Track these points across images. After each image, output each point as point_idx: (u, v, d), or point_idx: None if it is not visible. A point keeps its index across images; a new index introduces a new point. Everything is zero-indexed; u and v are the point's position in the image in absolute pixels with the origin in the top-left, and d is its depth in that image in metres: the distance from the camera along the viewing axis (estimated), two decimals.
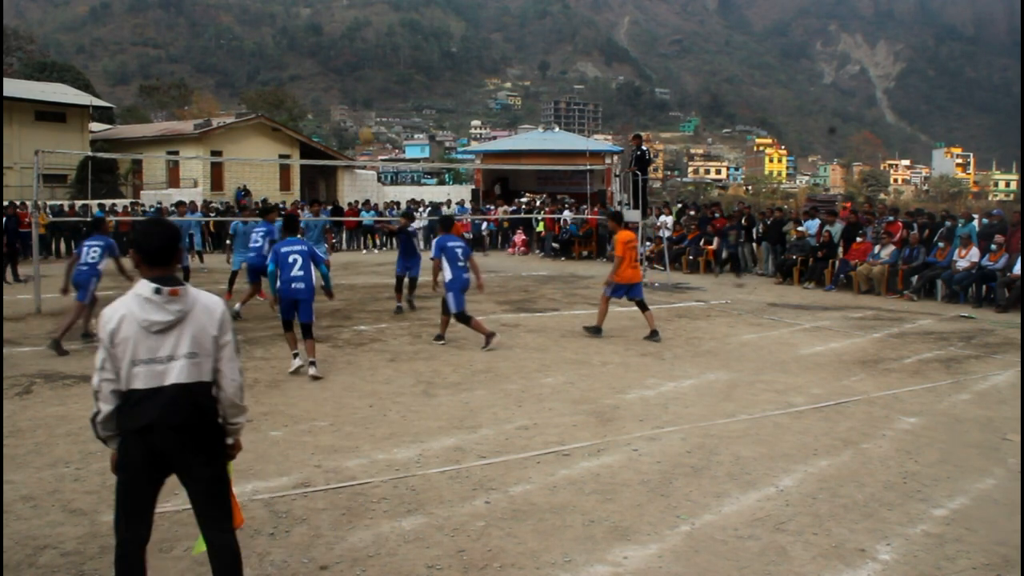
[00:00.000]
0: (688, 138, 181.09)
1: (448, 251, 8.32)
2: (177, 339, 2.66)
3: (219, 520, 2.81)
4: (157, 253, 2.70)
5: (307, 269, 7.07)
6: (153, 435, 2.63)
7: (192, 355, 2.67)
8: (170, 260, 2.73)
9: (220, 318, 2.76)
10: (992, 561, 3.53)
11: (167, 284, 2.65)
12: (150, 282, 2.65)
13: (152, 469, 2.70)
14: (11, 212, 16.24)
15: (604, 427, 5.49)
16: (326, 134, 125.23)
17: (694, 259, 16.74)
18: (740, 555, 3.55)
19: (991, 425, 5.65)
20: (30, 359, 7.49)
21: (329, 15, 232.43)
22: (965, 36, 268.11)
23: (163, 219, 2.95)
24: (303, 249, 7.17)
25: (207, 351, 2.71)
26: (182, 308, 2.67)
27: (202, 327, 2.70)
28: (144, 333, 2.62)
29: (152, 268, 2.69)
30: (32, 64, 48.02)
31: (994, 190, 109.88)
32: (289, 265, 7.03)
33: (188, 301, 2.69)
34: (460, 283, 8.26)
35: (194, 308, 2.70)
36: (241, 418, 2.86)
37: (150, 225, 2.81)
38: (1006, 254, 11.88)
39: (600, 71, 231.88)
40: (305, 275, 7.04)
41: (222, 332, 2.75)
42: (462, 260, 8.34)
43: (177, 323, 2.66)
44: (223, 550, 2.82)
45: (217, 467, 2.81)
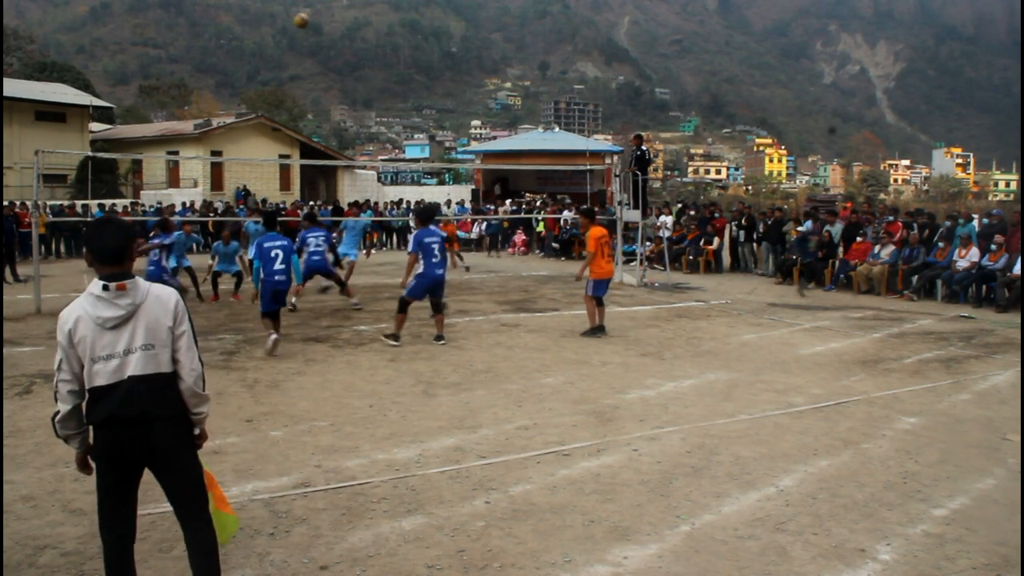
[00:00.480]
0: (688, 138, 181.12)
1: (425, 247, 8.19)
2: (132, 333, 2.67)
3: (193, 511, 2.83)
4: (107, 252, 2.71)
5: (287, 263, 7.79)
6: (115, 428, 2.66)
7: (148, 347, 2.69)
8: (122, 259, 2.73)
9: (174, 308, 2.77)
10: (992, 561, 3.53)
11: (113, 280, 2.67)
12: (99, 280, 2.67)
13: (122, 463, 2.71)
14: (11, 212, 16.24)
15: (604, 427, 5.49)
16: (326, 134, 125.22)
17: (694, 259, 16.74)
18: (740, 555, 3.55)
19: (991, 425, 5.65)
20: (30, 359, 7.49)
21: (329, 15, 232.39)
22: (965, 36, 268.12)
23: (115, 218, 2.96)
24: (284, 245, 7.87)
25: (163, 342, 2.72)
26: (132, 301, 2.68)
27: (156, 318, 2.72)
28: (99, 330, 2.64)
29: (103, 267, 2.70)
30: (32, 64, 48.03)
31: (994, 190, 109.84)
32: (272, 260, 7.73)
33: (139, 294, 2.70)
34: (431, 279, 8.22)
35: (146, 300, 2.72)
36: (204, 407, 2.87)
37: (101, 225, 2.82)
38: (1006, 254, 11.88)
39: (600, 71, 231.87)
40: (286, 268, 7.78)
41: (177, 322, 2.76)
42: (437, 256, 8.25)
43: (129, 317, 2.67)
44: (200, 545, 2.83)
45: (188, 459, 2.82)
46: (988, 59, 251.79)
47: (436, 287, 8.35)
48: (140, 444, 2.69)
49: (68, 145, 28.55)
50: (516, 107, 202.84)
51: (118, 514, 2.74)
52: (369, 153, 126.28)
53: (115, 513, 2.74)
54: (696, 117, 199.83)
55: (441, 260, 8.31)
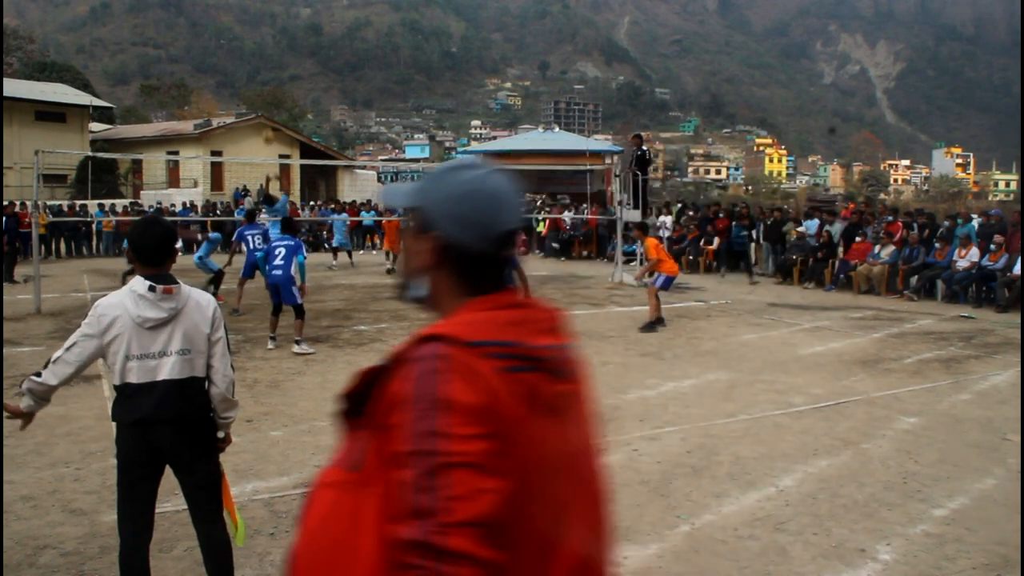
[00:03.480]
0: (688, 138, 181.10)
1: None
2: (170, 335, 2.70)
3: (211, 513, 2.87)
4: (152, 252, 2.74)
5: (287, 260, 8.16)
6: (148, 429, 2.69)
7: (184, 352, 2.72)
8: (165, 259, 2.77)
9: (212, 315, 2.81)
10: (992, 561, 3.53)
11: (162, 282, 2.69)
12: (145, 280, 2.69)
13: (148, 462, 2.74)
14: (11, 212, 16.24)
15: (604, 427, 5.48)
16: (326, 134, 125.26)
17: (694, 259, 16.74)
18: (740, 555, 3.55)
19: (991, 425, 5.65)
20: (30, 359, 7.49)
21: (329, 15, 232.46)
22: (965, 36, 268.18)
23: (160, 219, 2.99)
24: (289, 244, 8.31)
25: (199, 348, 2.76)
26: (175, 306, 2.71)
27: (195, 324, 2.75)
28: (138, 329, 2.67)
29: (147, 267, 2.74)
30: (32, 64, 48.00)
31: (994, 190, 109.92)
32: (275, 255, 8.23)
33: (181, 299, 2.74)
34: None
35: (187, 305, 2.75)
36: (232, 412, 2.90)
37: (146, 225, 2.85)
38: (1006, 254, 11.88)
39: (600, 71, 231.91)
40: (285, 264, 8.13)
41: (214, 329, 2.80)
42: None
43: (170, 320, 2.70)
44: (217, 544, 2.88)
45: (210, 461, 2.86)
46: (988, 59, 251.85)
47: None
48: (168, 445, 2.72)
49: (68, 145, 28.55)
50: (516, 107, 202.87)
51: (139, 513, 2.76)
52: (369, 153, 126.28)
53: (136, 512, 2.75)
54: (696, 117, 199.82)
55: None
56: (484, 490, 1.03)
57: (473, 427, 1.05)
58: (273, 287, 8.14)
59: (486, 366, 1.11)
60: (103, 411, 5.29)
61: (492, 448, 1.06)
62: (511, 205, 1.24)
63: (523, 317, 1.22)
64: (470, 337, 1.13)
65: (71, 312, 10.41)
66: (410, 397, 1.08)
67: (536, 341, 1.20)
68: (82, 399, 5.94)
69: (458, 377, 1.08)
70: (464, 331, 1.14)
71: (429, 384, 1.08)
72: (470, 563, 1.00)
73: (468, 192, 1.22)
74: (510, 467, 1.09)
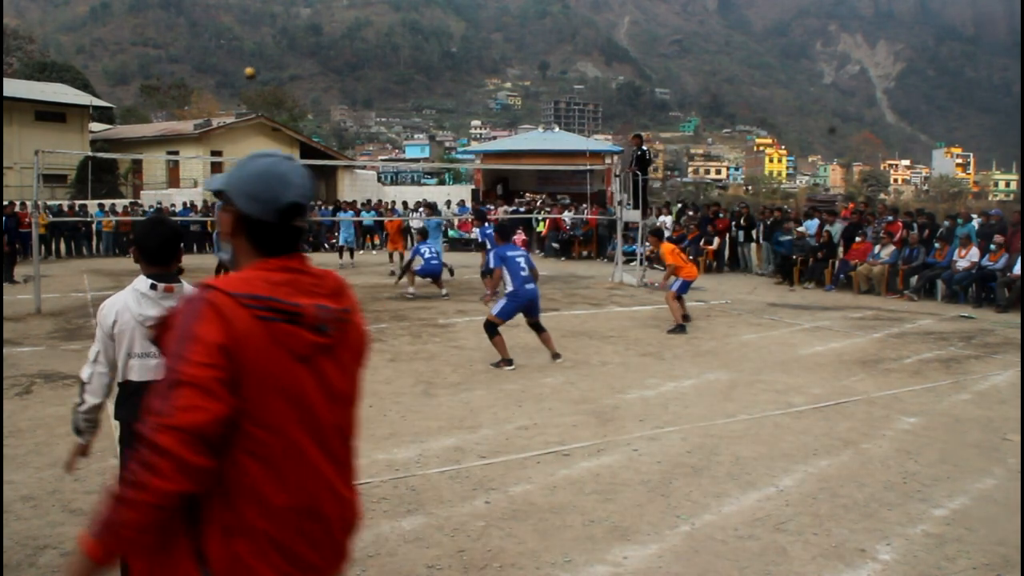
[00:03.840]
0: (688, 138, 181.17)
1: (510, 261, 7.44)
2: None
3: None
4: (157, 251, 2.76)
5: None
6: None
7: None
8: (170, 259, 2.79)
9: None
10: (992, 561, 3.53)
11: (164, 281, 2.71)
12: (147, 278, 2.71)
13: None
14: (11, 212, 16.24)
15: (604, 427, 5.49)
16: (326, 134, 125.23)
17: (694, 259, 16.71)
18: (740, 555, 3.55)
19: (991, 425, 5.65)
20: (30, 359, 7.49)
21: (329, 15, 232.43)
22: (965, 36, 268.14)
23: (165, 218, 3.00)
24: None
25: None
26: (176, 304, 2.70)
27: None
28: (140, 327, 2.68)
29: (151, 266, 2.75)
30: (32, 64, 47.98)
31: (994, 190, 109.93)
32: None
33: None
34: (520, 297, 7.35)
35: None
36: None
37: (152, 224, 2.86)
38: (1006, 254, 11.88)
39: (600, 71, 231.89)
40: None
41: None
42: (525, 270, 7.46)
43: None
44: None
45: None
46: (988, 59, 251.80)
47: (528, 304, 7.51)
48: None
49: (68, 145, 28.56)
50: (516, 107, 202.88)
51: None
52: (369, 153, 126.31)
53: None
54: (696, 117, 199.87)
55: (531, 275, 7.51)
56: (200, 408, 1.32)
57: (208, 358, 1.36)
58: None
59: (242, 313, 1.41)
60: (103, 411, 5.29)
61: (220, 377, 1.36)
62: (294, 184, 1.54)
63: (291, 279, 1.50)
64: (234, 289, 1.43)
65: (71, 312, 10.41)
66: (176, 327, 1.42)
67: (297, 299, 1.48)
68: None
69: (210, 318, 1.39)
70: (232, 284, 1.45)
71: (188, 320, 1.40)
72: (170, 459, 1.29)
73: (258, 174, 1.53)
74: (242, 395, 1.39)
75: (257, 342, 1.41)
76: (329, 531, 1.53)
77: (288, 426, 1.45)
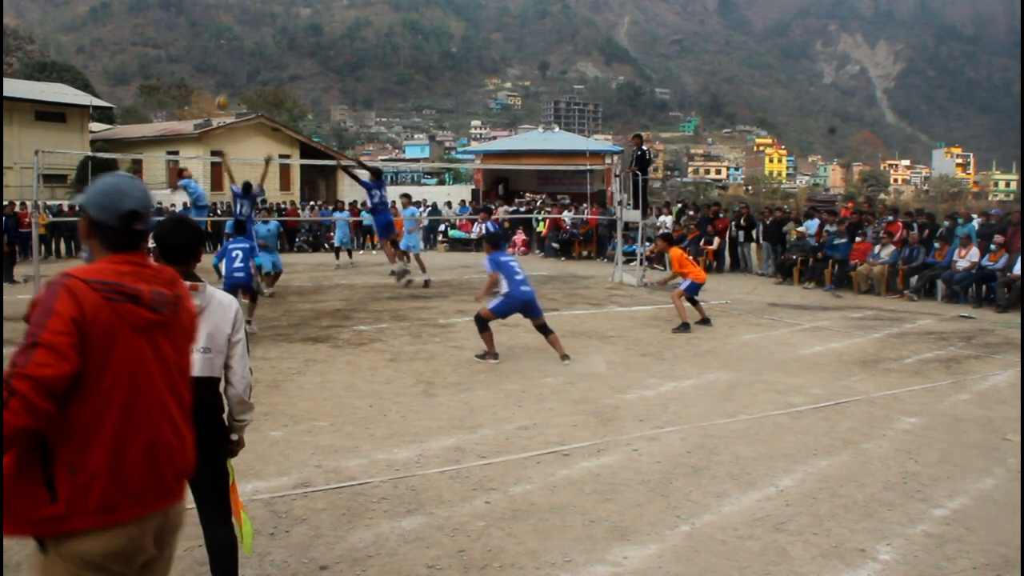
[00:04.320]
0: (688, 138, 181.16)
1: (504, 265, 7.60)
2: None
3: (220, 514, 2.88)
4: (179, 251, 2.75)
5: (246, 262, 8.89)
6: None
7: (206, 350, 2.73)
8: (190, 259, 2.79)
9: (234, 316, 2.83)
10: (992, 561, 3.53)
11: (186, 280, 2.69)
12: None
13: None
14: (11, 212, 16.24)
15: (604, 427, 5.49)
16: (326, 134, 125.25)
17: (694, 259, 16.70)
18: (740, 555, 3.55)
19: (991, 425, 5.65)
20: None
21: (329, 15, 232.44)
22: (965, 36, 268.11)
23: (187, 218, 3.00)
24: (244, 247, 8.96)
25: (220, 348, 2.77)
26: (199, 304, 2.72)
27: (216, 324, 2.76)
28: None
29: (173, 266, 2.72)
30: (32, 64, 47.98)
31: (994, 190, 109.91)
32: (233, 258, 8.86)
33: (205, 297, 2.75)
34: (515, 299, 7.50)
35: (210, 305, 2.76)
36: (248, 415, 2.92)
37: (173, 224, 2.86)
38: (1006, 254, 11.88)
39: (600, 71, 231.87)
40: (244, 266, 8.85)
41: (235, 330, 2.82)
42: (520, 274, 7.63)
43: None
44: (222, 544, 2.89)
45: (220, 464, 2.87)
46: (988, 59, 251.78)
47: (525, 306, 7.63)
48: None
49: (68, 145, 28.56)
50: (516, 107, 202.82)
51: None
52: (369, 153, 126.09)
53: None
54: (696, 117, 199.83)
55: (525, 278, 7.68)
56: (52, 365, 1.73)
57: (63, 327, 1.78)
58: (233, 288, 8.52)
59: (92, 294, 1.85)
60: None
61: (72, 342, 1.78)
62: (132, 197, 2.00)
63: (134, 270, 1.95)
64: (86, 276, 1.88)
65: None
66: (39, 303, 1.84)
67: (137, 285, 1.93)
68: None
69: (65, 297, 1.82)
70: (85, 272, 1.89)
71: (50, 299, 1.82)
72: (21, 400, 1.67)
73: (103, 189, 2.01)
74: (89, 356, 1.82)
75: (103, 317, 1.85)
76: (159, 471, 1.96)
77: (127, 382, 1.88)
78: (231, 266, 8.89)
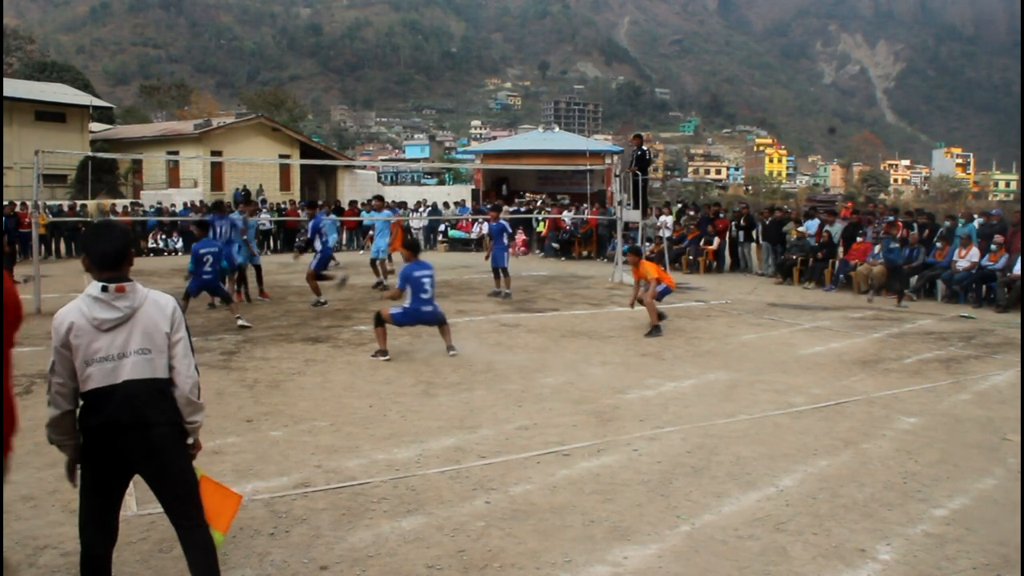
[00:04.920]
0: (688, 138, 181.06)
1: (414, 281, 7.58)
2: (128, 336, 2.67)
3: (189, 516, 2.81)
4: (107, 257, 2.71)
5: (215, 267, 9.43)
6: (110, 432, 2.64)
7: (144, 351, 2.68)
8: (120, 264, 2.74)
9: (172, 315, 2.77)
10: (992, 561, 3.53)
11: (111, 282, 2.68)
12: (98, 281, 2.68)
13: (113, 468, 2.70)
14: (11, 212, 16.24)
15: (604, 427, 5.49)
16: (326, 134, 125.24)
17: (694, 259, 16.74)
18: (740, 555, 3.55)
19: (991, 425, 5.65)
20: (30, 359, 7.49)
21: (329, 15, 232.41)
22: (965, 36, 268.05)
23: (114, 222, 2.98)
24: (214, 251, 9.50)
25: (159, 347, 2.72)
26: (130, 304, 2.69)
27: (154, 323, 2.71)
28: (95, 332, 2.64)
29: (102, 271, 2.71)
30: (32, 64, 47.99)
31: (994, 190, 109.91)
32: (204, 262, 9.36)
33: (137, 298, 2.70)
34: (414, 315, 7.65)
35: (144, 305, 2.72)
36: (198, 416, 2.84)
37: (100, 228, 2.83)
38: (1006, 254, 11.88)
39: (600, 71, 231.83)
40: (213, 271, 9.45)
41: (174, 329, 2.77)
42: (428, 292, 7.64)
43: (126, 320, 2.67)
44: (196, 546, 2.81)
45: (182, 469, 2.80)
46: (988, 59, 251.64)
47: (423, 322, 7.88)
48: (135, 449, 2.67)
49: (68, 145, 28.55)
50: (516, 107, 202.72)
51: (102, 519, 2.73)
52: (369, 153, 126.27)
53: (99, 518, 2.72)
54: (696, 117, 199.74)
55: (431, 297, 7.74)
56: None
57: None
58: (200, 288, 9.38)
59: None
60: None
61: None
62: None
63: None
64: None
65: None
66: None
67: None
68: None
69: None
70: None
71: None
72: None
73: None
74: None
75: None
76: None
77: None
78: (201, 268, 9.38)
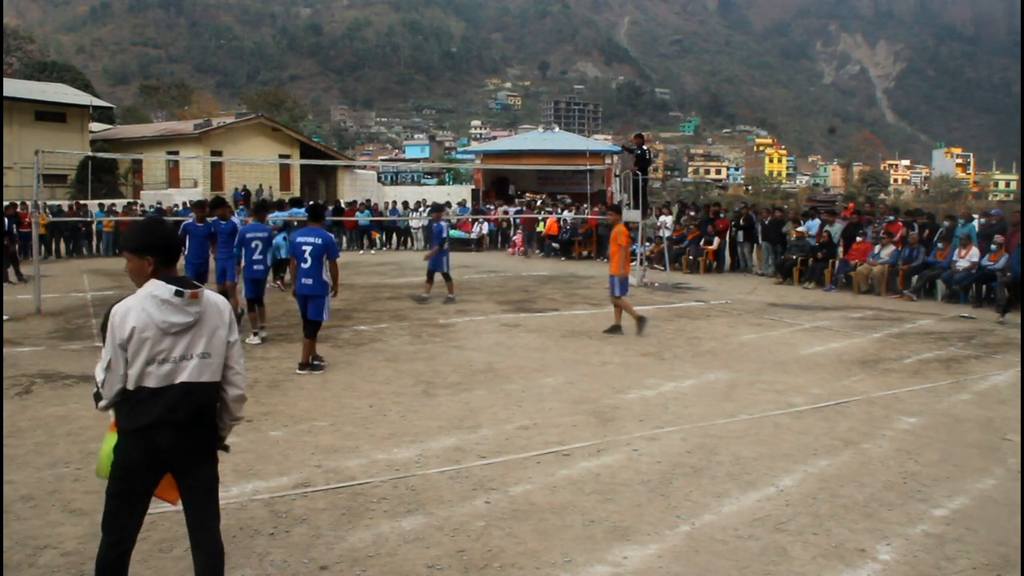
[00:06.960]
0: (688, 138, 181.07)
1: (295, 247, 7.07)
2: (192, 339, 2.69)
3: (211, 518, 2.83)
4: (173, 251, 2.74)
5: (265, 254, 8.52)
6: (156, 433, 2.64)
7: (205, 355, 2.71)
8: (176, 259, 2.78)
9: (229, 319, 2.81)
10: (992, 561, 3.53)
11: (180, 285, 2.67)
12: (167, 283, 2.65)
13: (150, 468, 2.69)
14: (11, 212, 16.23)
15: (604, 427, 5.49)
16: (326, 134, 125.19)
17: (694, 259, 16.74)
18: (740, 555, 3.55)
19: (991, 425, 5.65)
20: (30, 359, 7.49)
21: (329, 15, 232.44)
22: (965, 36, 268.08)
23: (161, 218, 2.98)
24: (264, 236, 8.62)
25: (219, 351, 2.75)
26: (200, 309, 2.71)
27: (215, 327, 2.74)
28: (160, 335, 2.63)
29: (167, 268, 2.72)
30: (32, 64, 47.98)
31: (994, 190, 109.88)
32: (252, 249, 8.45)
33: (204, 303, 2.73)
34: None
35: (208, 309, 2.74)
36: (243, 413, 2.94)
37: (161, 225, 2.82)
38: (1006, 254, 11.87)
39: (600, 71, 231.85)
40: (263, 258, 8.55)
41: (231, 332, 2.81)
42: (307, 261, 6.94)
43: (193, 324, 2.69)
44: (207, 549, 2.82)
45: (213, 466, 2.85)
46: (988, 59, 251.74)
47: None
48: (174, 449, 2.68)
49: (68, 145, 28.54)
50: (516, 107, 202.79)
51: (132, 517, 2.72)
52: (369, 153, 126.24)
53: (129, 516, 2.71)
54: (696, 117, 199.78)
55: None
56: None
57: None
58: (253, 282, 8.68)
59: None
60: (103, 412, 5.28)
61: None
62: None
63: None
64: None
65: (71, 312, 10.40)
66: None
67: None
68: (82, 399, 5.93)
69: None
70: None
71: None
72: None
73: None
74: None
75: None
76: None
77: None
78: (250, 257, 8.33)
